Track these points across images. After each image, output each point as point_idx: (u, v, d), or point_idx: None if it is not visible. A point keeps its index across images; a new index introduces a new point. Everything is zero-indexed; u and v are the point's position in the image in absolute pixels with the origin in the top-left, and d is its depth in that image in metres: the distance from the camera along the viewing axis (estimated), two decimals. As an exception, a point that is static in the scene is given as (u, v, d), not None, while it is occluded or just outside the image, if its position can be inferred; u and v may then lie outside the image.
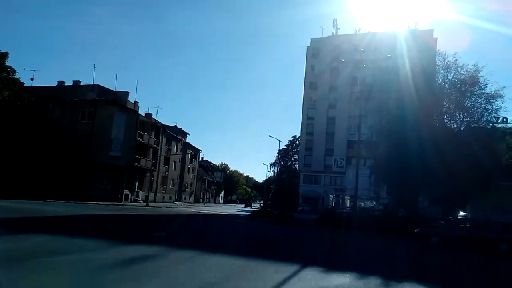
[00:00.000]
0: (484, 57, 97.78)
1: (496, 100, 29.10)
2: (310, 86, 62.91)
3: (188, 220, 27.98)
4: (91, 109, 46.20)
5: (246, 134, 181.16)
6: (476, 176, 26.77)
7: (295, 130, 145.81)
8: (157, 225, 21.90)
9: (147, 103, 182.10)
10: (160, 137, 59.25)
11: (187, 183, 76.31)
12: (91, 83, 51.75)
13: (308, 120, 62.35)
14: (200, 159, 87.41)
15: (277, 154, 73.71)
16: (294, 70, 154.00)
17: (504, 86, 28.79)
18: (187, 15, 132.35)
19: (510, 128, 30.34)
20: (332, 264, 10.97)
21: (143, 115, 55.45)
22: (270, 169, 78.64)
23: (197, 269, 8.98)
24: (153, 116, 58.25)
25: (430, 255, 17.00)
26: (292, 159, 75.92)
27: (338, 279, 9.11)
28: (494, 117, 29.78)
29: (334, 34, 64.09)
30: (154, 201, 55.12)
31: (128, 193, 50.53)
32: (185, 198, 73.35)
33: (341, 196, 57.08)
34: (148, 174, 55.96)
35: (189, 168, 76.65)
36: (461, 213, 33.62)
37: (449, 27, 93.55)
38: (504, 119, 30.79)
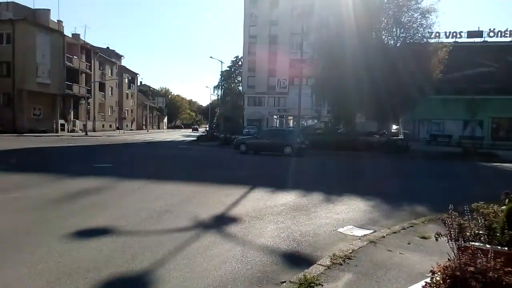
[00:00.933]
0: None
1: (430, 15, 29.66)
2: (251, 1, 59.91)
3: (132, 148, 27.23)
4: (9, 30, 41.10)
5: (187, 56, 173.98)
6: (408, 91, 28.19)
7: (238, 50, 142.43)
8: (100, 155, 21.10)
9: (72, 23, 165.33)
10: (92, 61, 54.99)
11: (127, 110, 73.49)
12: (5, 0, 45.43)
13: (250, 39, 60.47)
14: (139, 84, 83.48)
15: (220, 76, 72.13)
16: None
17: (438, 0, 29.18)
18: None
19: (442, 42, 31.52)
20: (278, 185, 11.22)
21: (70, 36, 50.48)
22: (214, 92, 77.57)
23: (147, 198, 8.79)
24: (81, 37, 53.29)
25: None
26: (236, 80, 74.91)
27: (284, 197, 9.38)
28: (428, 32, 30.67)
29: None
30: (94, 130, 52.84)
31: (64, 122, 47.77)
32: (126, 126, 71.15)
33: (284, 116, 58.27)
34: (84, 101, 52.74)
35: (127, 93, 73.26)
36: (394, 126, 35.96)
37: None
38: (437, 34, 31.94)
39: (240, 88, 68.73)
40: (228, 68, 73.41)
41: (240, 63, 70.55)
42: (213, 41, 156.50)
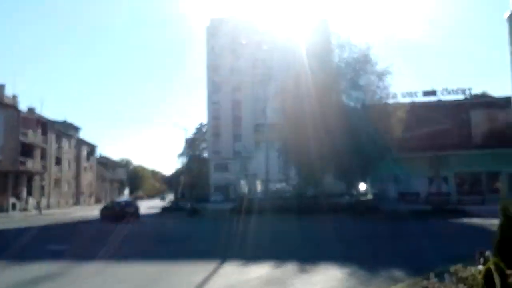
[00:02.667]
0: (373, 37, 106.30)
1: (386, 77, 31.12)
2: (213, 68, 61.30)
3: (89, 226, 25.05)
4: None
5: (149, 125, 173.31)
6: (373, 150, 28.57)
7: (202, 116, 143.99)
8: (54, 236, 19.22)
9: (29, 97, 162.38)
10: (48, 135, 52.81)
11: (86, 184, 70.01)
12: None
13: (213, 105, 61.03)
14: (98, 156, 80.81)
15: (184, 144, 71.39)
16: (195, 52, 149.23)
17: (393, 64, 30.87)
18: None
19: (399, 103, 32.87)
20: (250, 256, 10.72)
21: (25, 110, 48.67)
22: (179, 160, 76.16)
23: (108, 282, 8.15)
24: (38, 111, 51.52)
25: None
26: (201, 147, 74.35)
27: (257, 270, 9.05)
28: (386, 93, 32.00)
29: (233, 14, 62.96)
30: (48, 207, 49.25)
31: (15, 201, 44.21)
32: (84, 201, 67.31)
33: (252, 181, 57.35)
34: (38, 177, 49.61)
35: (86, 167, 70.26)
36: (363, 186, 35.92)
37: (339, 8, 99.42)
38: (394, 95, 33.39)
39: (206, 154, 68.00)
40: (192, 136, 73.13)
41: (204, 129, 70.56)
42: (176, 109, 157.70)
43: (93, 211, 45.06)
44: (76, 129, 67.23)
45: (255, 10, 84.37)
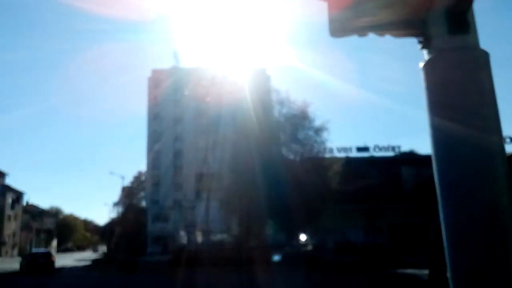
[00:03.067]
0: (311, 95, 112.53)
1: (322, 133, 33.09)
2: (154, 117, 60.94)
3: (9, 282, 22.61)
4: None
5: (82, 172, 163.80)
6: (311, 202, 29.59)
7: (140, 165, 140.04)
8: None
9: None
10: (-31, 181, 48.27)
11: (9, 234, 63.83)
12: None
13: (154, 154, 59.98)
14: (24, 204, 74.66)
15: (120, 192, 68.34)
16: (135, 101, 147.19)
17: (329, 120, 32.99)
18: (1, 34, 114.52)
19: (335, 157, 34.76)
20: None
21: None
22: (114, 209, 72.31)
23: None
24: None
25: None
26: (139, 196, 71.56)
27: None
28: (323, 148, 33.84)
29: (176, 66, 63.96)
30: (-40, 262, 43.84)
31: None
32: (6, 252, 60.97)
33: (192, 232, 55.82)
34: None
35: (10, 215, 64.41)
36: (304, 236, 36.56)
37: (279, 66, 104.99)
38: (331, 149, 35.34)
39: (144, 204, 65.51)
40: (130, 184, 70.45)
41: (143, 178, 68.49)
42: (113, 157, 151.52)
43: (13, 264, 40.88)
44: (1, 174, 62.18)
45: (198, 62, 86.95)
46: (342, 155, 36.44)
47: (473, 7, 1.81)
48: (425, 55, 1.83)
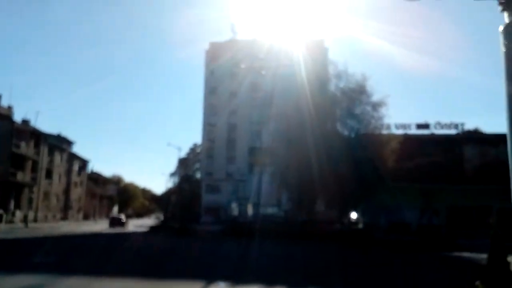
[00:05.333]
0: (370, 68, 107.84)
1: (381, 108, 31.62)
2: (210, 91, 61.77)
3: (77, 241, 24.67)
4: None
5: (142, 143, 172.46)
6: (366, 179, 28.75)
7: (196, 137, 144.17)
8: (40, 249, 18.78)
9: (25, 108, 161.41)
10: (41, 147, 52.44)
11: (75, 199, 69.05)
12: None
13: (209, 127, 61.17)
14: (89, 171, 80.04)
15: (177, 163, 71.09)
16: (193, 74, 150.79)
17: (388, 95, 31.37)
18: (70, 8, 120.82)
19: (393, 134, 33.30)
20: (239, 277, 10.65)
21: (20, 122, 48.51)
22: (170, 179, 75.57)
23: None
24: (32, 123, 51.34)
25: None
26: (194, 168, 73.98)
27: None
28: (380, 124, 32.48)
29: (233, 39, 63.93)
30: (35, 221, 48.37)
31: (2, 213, 43.38)
32: (72, 216, 66.20)
33: (244, 204, 57.01)
34: (27, 190, 48.96)
35: (76, 181, 69.48)
36: (355, 214, 35.85)
37: (338, 37, 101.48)
38: (388, 125, 33.91)
39: (198, 175, 67.65)
40: (185, 155, 72.94)
41: (198, 150, 70.47)
42: (170, 128, 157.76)
43: (80, 227, 44.34)
44: (69, 143, 66.84)
45: (255, 34, 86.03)
46: (400, 132, 34.88)
47: None
48: (506, 18, 1.78)
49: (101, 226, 48.85)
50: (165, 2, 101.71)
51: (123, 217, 53.03)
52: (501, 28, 1.73)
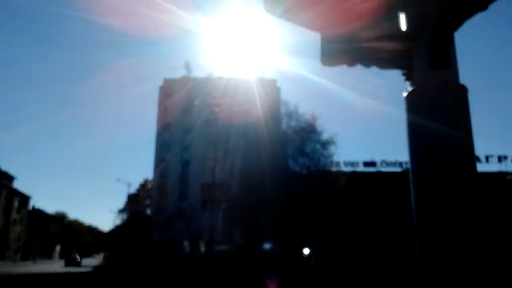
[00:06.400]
0: (320, 106, 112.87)
1: (330, 146, 33.10)
2: (163, 127, 61.34)
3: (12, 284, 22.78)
4: None
5: (90, 178, 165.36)
6: (316, 217, 29.43)
7: (147, 173, 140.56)
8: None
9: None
10: (-22, 182, 48.87)
11: (13, 238, 64.13)
12: None
13: (161, 163, 60.25)
14: (31, 208, 75.15)
15: (126, 200, 68.53)
16: (146, 110, 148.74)
17: (336, 134, 32.95)
18: (17, 44, 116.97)
19: (342, 171, 34.74)
20: None
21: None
22: (119, 216, 72.43)
23: None
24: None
25: None
26: (144, 204, 71.67)
27: None
28: (330, 161, 33.83)
29: (187, 75, 64.51)
30: (-36, 262, 44.12)
31: None
32: (10, 256, 61.17)
33: (197, 241, 55.65)
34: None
35: (15, 219, 64.84)
36: (307, 250, 36.30)
37: (290, 78, 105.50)
38: (337, 163, 35.36)
39: (149, 211, 65.61)
40: (136, 191, 70.63)
41: (149, 186, 68.70)
42: (120, 164, 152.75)
43: (16, 267, 41.02)
44: (10, 178, 62.84)
45: (209, 71, 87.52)
46: (349, 169, 36.41)
47: (454, 42, 1.89)
48: (408, 86, 1.93)
49: (56, 266, 45.57)
50: (116, 41, 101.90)
51: (77, 256, 55.69)
52: (404, 94, 1.88)
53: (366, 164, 39.29)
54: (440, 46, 1.85)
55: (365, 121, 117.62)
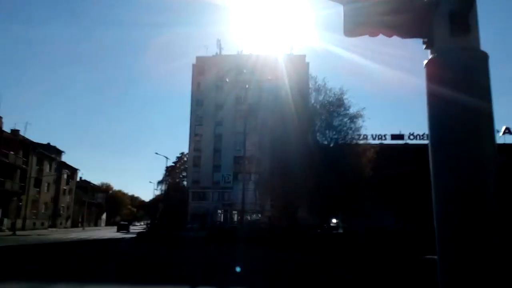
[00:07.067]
0: (347, 81, 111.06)
1: (357, 120, 33.44)
2: (197, 103, 63.59)
3: (65, 248, 25.58)
4: None
5: (131, 152, 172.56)
6: (345, 187, 30.32)
7: (183, 147, 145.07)
8: (27, 256, 19.61)
9: (14, 119, 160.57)
10: (30, 156, 53.14)
11: (63, 207, 69.51)
12: None
13: (195, 137, 62.73)
14: (78, 180, 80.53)
15: (164, 172, 72.19)
16: (181, 87, 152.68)
17: (364, 108, 33.16)
18: (60, 26, 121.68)
19: (369, 144, 35.09)
20: (224, 283, 11.36)
21: (9, 131, 49.26)
22: (158, 187, 76.44)
23: None
24: (22, 133, 52.11)
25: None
26: (180, 176, 75.08)
27: None
28: (357, 135, 34.24)
29: (219, 53, 66.22)
30: (23, 228, 48.93)
31: (-11, 221, 44.05)
32: (60, 223, 66.64)
33: (229, 211, 58.37)
34: (15, 198, 49.58)
35: (65, 189, 70.01)
36: (334, 220, 37.46)
37: (318, 53, 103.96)
38: (365, 136, 35.69)
39: (185, 183, 68.83)
40: (173, 164, 74.03)
41: (185, 158, 71.68)
42: (158, 138, 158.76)
43: (67, 234, 45.04)
44: (58, 152, 67.46)
45: (240, 49, 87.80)
46: (376, 142, 36.68)
47: (475, 9, 1.87)
48: (429, 54, 1.91)
49: (108, 231, 49.60)
50: (152, 21, 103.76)
51: (127, 223, 66.89)
52: (424, 62, 1.89)
53: (394, 136, 39.33)
54: (461, 12, 1.82)
55: (392, 95, 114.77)
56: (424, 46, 1.95)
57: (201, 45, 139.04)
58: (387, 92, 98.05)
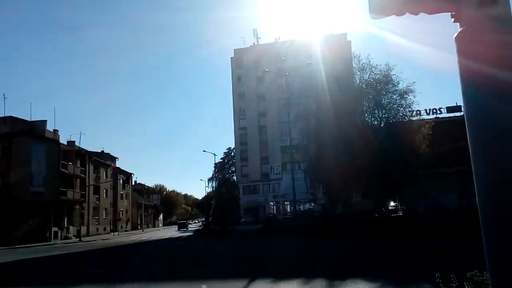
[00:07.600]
0: (393, 58, 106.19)
1: (408, 95, 31.47)
2: (239, 96, 63.50)
3: (126, 251, 26.44)
4: (6, 143, 42.25)
5: (180, 152, 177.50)
6: (399, 168, 28.69)
7: (229, 141, 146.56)
8: (92, 261, 20.42)
9: (68, 130, 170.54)
10: (87, 165, 55.74)
11: (122, 211, 72.56)
12: (3, 115, 47.37)
13: (240, 131, 62.71)
14: (133, 183, 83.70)
15: (213, 168, 72.98)
16: (221, 82, 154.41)
17: (414, 82, 31.11)
18: (104, 34, 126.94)
19: (424, 119, 33.00)
20: (278, 274, 11.03)
21: (65, 143, 51.89)
22: (209, 184, 77.55)
23: None
24: (77, 143, 54.74)
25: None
26: (230, 171, 75.64)
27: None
28: (409, 111, 32.32)
29: (256, 43, 65.49)
30: (87, 234, 51.53)
31: (57, 230, 46.67)
32: (121, 227, 69.63)
33: (281, 202, 57.99)
34: (78, 206, 52.29)
35: (122, 194, 73.00)
36: (392, 203, 35.77)
37: (359, 31, 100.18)
38: (418, 112, 33.60)
39: (235, 177, 69.25)
40: (221, 160, 74.70)
41: (232, 154, 72.08)
42: (204, 135, 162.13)
43: (129, 237, 46.87)
44: (113, 158, 70.39)
45: (277, 34, 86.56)
46: (431, 117, 34.45)
47: None
48: (458, 27, 1.88)
49: (149, 234, 51.39)
50: (184, 16, 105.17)
51: (186, 222, 73.28)
52: (454, 36, 1.85)
53: (450, 109, 36.67)
54: None
55: (444, 67, 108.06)
56: (452, 20, 1.92)
57: (237, 37, 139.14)
58: (438, 66, 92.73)
